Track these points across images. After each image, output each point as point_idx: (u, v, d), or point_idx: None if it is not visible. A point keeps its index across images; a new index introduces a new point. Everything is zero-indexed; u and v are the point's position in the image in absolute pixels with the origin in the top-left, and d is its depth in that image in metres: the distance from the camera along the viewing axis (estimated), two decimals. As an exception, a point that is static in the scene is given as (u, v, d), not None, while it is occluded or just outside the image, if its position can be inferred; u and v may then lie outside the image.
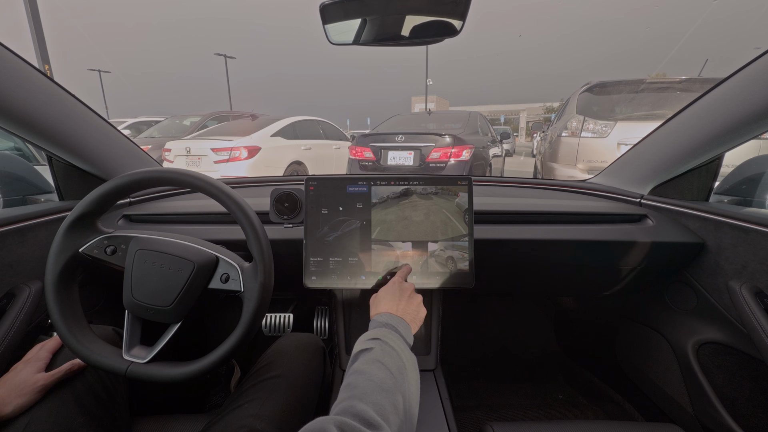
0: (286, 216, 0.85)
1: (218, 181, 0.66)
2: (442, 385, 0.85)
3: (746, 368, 0.83)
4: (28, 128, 0.75)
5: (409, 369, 0.52)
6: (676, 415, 0.97)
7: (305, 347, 0.79)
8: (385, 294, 0.66)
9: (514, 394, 1.30)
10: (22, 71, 0.72)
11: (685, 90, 3.04)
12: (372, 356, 0.51)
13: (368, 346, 0.53)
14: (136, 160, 1.03)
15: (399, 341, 0.55)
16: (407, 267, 0.74)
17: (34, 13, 7.22)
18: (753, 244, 0.74)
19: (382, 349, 0.52)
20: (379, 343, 0.53)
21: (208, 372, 0.61)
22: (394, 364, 0.50)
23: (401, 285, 0.67)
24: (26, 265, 0.79)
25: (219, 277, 0.65)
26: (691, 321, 0.93)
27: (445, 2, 0.69)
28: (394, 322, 0.58)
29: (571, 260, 0.93)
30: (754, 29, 43.29)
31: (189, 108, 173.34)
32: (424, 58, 23.44)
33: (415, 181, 0.78)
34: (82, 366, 0.63)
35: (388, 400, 0.45)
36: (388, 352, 0.52)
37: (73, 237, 0.64)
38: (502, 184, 1.25)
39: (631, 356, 1.16)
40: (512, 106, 52.17)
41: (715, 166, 0.87)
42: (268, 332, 1.27)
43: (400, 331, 0.57)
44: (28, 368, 0.59)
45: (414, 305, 0.65)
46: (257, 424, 0.60)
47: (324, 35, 0.78)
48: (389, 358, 0.51)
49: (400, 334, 0.57)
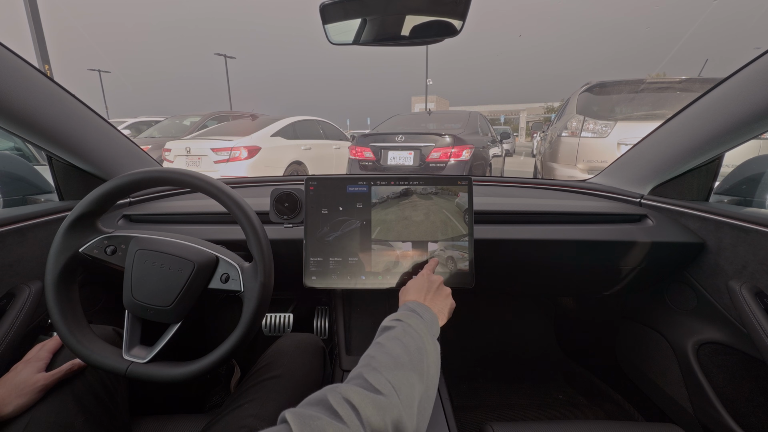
0: (286, 216, 0.85)
1: (218, 181, 0.66)
2: (442, 385, 0.85)
3: (746, 368, 0.83)
4: (28, 128, 0.75)
5: (429, 352, 0.52)
6: (676, 415, 0.97)
7: (305, 347, 0.79)
8: (413, 285, 0.66)
9: (514, 394, 1.30)
10: (22, 71, 0.72)
11: (685, 90, 3.04)
12: (392, 334, 0.52)
13: (390, 325, 0.54)
14: (136, 160, 1.03)
15: (421, 325, 0.55)
16: (434, 260, 0.74)
17: (34, 13, 7.22)
18: (753, 244, 0.74)
19: (403, 329, 0.53)
20: (401, 324, 0.54)
21: (208, 372, 0.61)
22: (413, 344, 0.51)
23: (429, 277, 0.67)
24: (26, 265, 0.79)
25: (219, 277, 0.65)
26: (691, 321, 0.93)
27: (445, 2, 0.69)
28: (419, 310, 0.59)
29: (571, 260, 0.93)
30: (754, 29, 43.28)
31: (189, 108, 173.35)
32: (424, 58, 23.44)
33: (415, 181, 0.78)
34: (82, 366, 0.63)
35: (401, 373, 0.45)
36: (408, 332, 0.52)
37: (73, 237, 0.64)
38: (502, 184, 1.25)
39: (631, 356, 1.16)
40: (512, 106, 52.16)
41: (715, 166, 0.87)
42: (268, 332, 1.27)
43: (424, 318, 0.58)
44: (28, 368, 0.59)
45: (442, 297, 0.66)
46: (257, 424, 0.60)
47: (324, 35, 0.78)
48: (409, 338, 0.51)
49: (424, 321, 0.57)
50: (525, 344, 1.53)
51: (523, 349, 1.51)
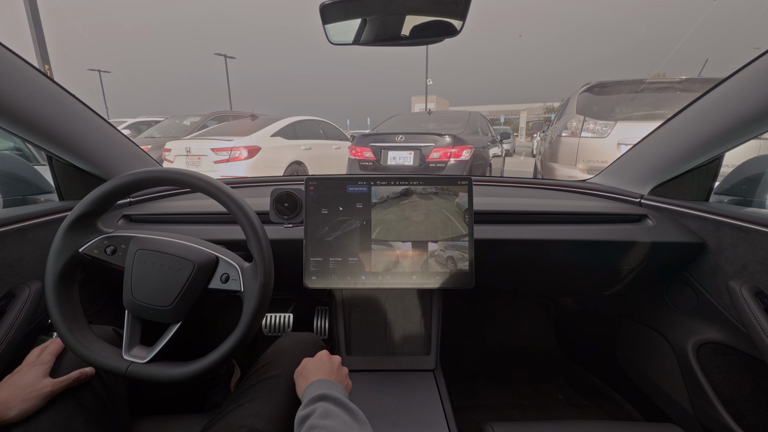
0: (286, 216, 0.85)
1: (218, 181, 0.66)
2: (442, 385, 0.85)
3: (746, 368, 0.83)
4: (28, 128, 0.75)
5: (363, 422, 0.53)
6: (676, 415, 0.97)
7: (305, 347, 0.79)
8: (314, 366, 0.65)
9: (514, 394, 1.30)
10: (22, 71, 0.72)
11: (685, 90, 3.04)
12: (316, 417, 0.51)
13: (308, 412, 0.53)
14: (136, 160, 1.03)
15: (342, 395, 0.56)
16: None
17: (34, 13, 7.22)
18: (753, 244, 0.74)
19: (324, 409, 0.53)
20: (321, 404, 0.54)
21: (208, 372, 0.61)
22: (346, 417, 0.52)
23: (330, 357, 0.68)
24: (26, 265, 0.79)
25: (219, 277, 0.65)
26: (691, 321, 0.93)
27: (445, 2, 0.69)
28: (332, 388, 0.59)
29: (571, 260, 0.93)
30: (754, 29, 43.23)
31: (189, 108, 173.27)
32: (424, 58, 23.44)
33: (415, 181, 0.78)
34: (90, 375, 0.62)
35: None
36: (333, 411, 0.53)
37: (73, 237, 0.64)
38: (502, 184, 1.25)
39: (631, 356, 1.16)
40: (512, 106, 52.15)
41: (715, 166, 0.87)
42: (268, 332, 1.27)
43: (338, 391, 0.58)
44: (33, 371, 0.58)
45: (344, 375, 0.67)
46: (257, 423, 0.60)
47: (324, 35, 0.78)
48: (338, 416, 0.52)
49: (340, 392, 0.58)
50: (525, 344, 1.53)
51: (523, 350, 1.51)
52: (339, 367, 0.67)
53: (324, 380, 0.60)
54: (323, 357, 0.67)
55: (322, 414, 0.51)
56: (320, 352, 0.69)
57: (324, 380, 0.60)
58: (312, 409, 0.53)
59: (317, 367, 0.65)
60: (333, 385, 0.59)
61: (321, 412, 0.52)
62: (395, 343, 0.94)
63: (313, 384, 0.60)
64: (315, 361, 0.66)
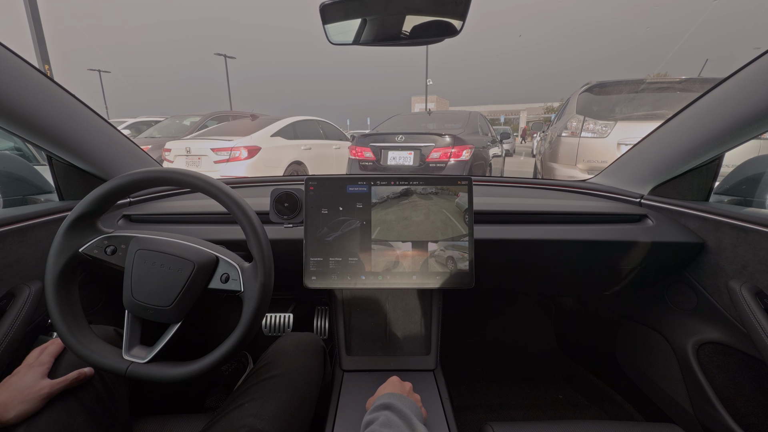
0: (286, 216, 0.85)
1: (218, 181, 0.66)
2: (442, 385, 0.85)
3: (746, 368, 0.83)
4: (28, 128, 0.75)
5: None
6: (676, 415, 0.97)
7: (305, 347, 0.79)
8: (386, 387, 0.67)
9: (514, 394, 1.30)
10: (22, 71, 0.72)
11: (685, 90, 3.04)
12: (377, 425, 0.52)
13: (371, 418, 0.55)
14: (136, 160, 1.03)
15: (408, 409, 0.56)
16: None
17: (34, 13, 7.22)
18: (753, 244, 0.74)
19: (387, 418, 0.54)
20: (385, 413, 0.55)
21: (208, 372, 0.61)
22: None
23: (402, 382, 0.69)
24: (26, 265, 0.79)
25: (219, 277, 0.65)
26: (691, 321, 0.93)
27: (445, 2, 0.69)
28: (401, 401, 0.59)
29: (571, 260, 0.93)
30: (754, 29, 43.27)
31: (189, 108, 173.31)
32: (424, 58, 23.44)
33: (415, 181, 0.78)
34: (89, 376, 0.62)
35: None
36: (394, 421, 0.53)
37: (73, 237, 0.64)
38: (502, 184, 1.25)
39: (631, 356, 1.16)
40: (512, 106, 52.17)
41: (715, 166, 0.87)
42: (268, 332, 1.27)
43: (406, 405, 0.58)
44: (31, 373, 0.58)
45: (416, 399, 0.67)
46: (257, 423, 0.60)
47: (324, 35, 0.78)
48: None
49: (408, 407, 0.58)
50: (525, 344, 1.53)
51: (523, 349, 1.51)
52: (410, 392, 0.68)
53: (395, 393, 0.62)
54: (395, 380, 0.69)
55: (384, 422, 0.53)
56: (391, 378, 0.70)
57: (395, 393, 0.62)
58: (375, 416, 0.55)
59: (389, 388, 0.66)
60: (403, 398, 0.60)
61: (383, 420, 0.53)
62: (395, 343, 0.94)
63: (384, 395, 0.61)
64: (387, 384, 0.68)
